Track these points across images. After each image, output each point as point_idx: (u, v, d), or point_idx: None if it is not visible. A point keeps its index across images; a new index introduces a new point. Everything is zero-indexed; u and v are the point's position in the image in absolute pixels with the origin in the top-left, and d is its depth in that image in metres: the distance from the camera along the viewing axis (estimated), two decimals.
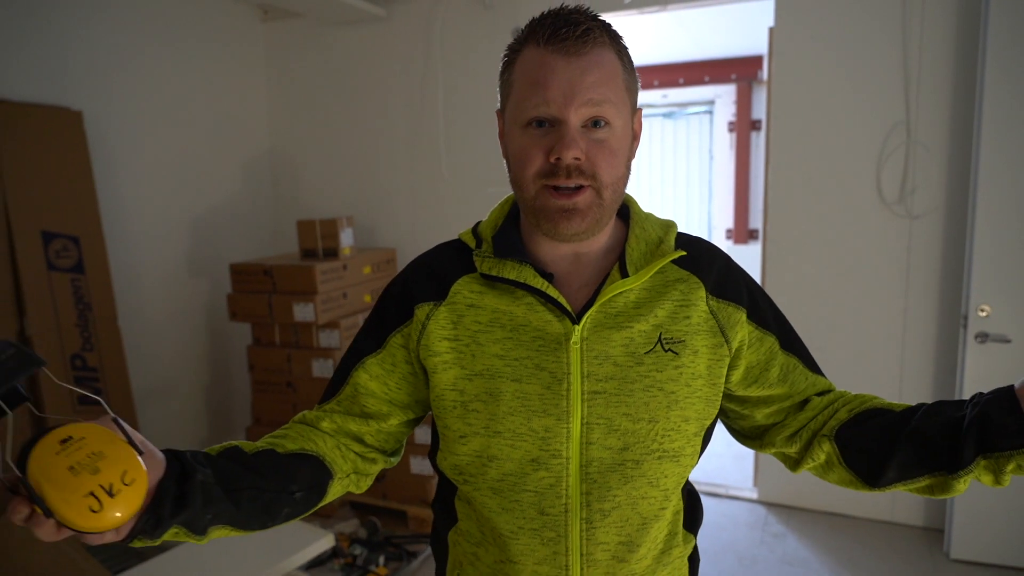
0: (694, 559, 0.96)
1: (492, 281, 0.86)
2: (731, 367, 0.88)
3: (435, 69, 3.65)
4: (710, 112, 5.85)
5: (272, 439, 0.87)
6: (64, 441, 0.62)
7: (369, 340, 0.92)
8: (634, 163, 0.87)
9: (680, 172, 6.06)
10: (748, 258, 4.31)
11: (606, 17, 3.01)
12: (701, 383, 0.85)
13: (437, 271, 0.90)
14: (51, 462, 0.61)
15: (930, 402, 0.84)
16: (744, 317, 0.88)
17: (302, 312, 3.09)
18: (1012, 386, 0.76)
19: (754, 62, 5.28)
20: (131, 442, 0.66)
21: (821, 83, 2.92)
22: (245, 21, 4.01)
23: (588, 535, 0.83)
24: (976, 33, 2.63)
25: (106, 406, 0.71)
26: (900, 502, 3.01)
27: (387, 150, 3.88)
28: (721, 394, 0.89)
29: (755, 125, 5.45)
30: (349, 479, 0.91)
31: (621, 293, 0.84)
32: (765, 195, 3.13)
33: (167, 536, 0.72)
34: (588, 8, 0.82)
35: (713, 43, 4.97)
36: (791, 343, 0.92)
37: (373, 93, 3.87)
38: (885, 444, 0.83)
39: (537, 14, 0.79)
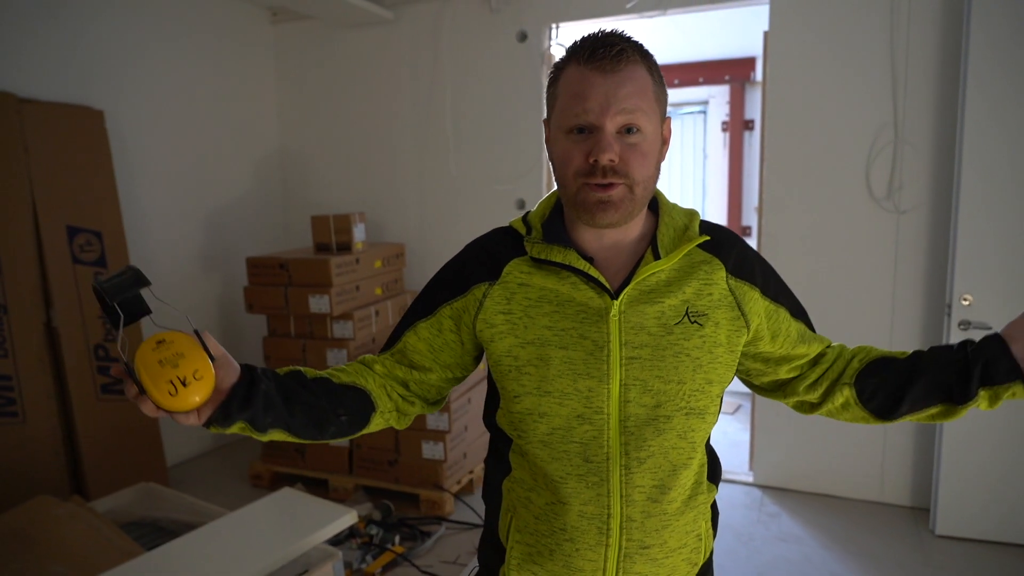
0: (715, 507, 1.10)
1: (540, 263, 0.99)
2: (758, 337, 1.03)
3: (442, 70, 3.78)
4: (704, 112, 5.99)
5: (331, 371, 1.04)
6: (159, 342, 0.83)
7: (422, 307, 1.08)
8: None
9: (675, 170, 6.20)
10: None
11: (607, 21, 3.16)
12: (722, 350, 0.99)
13: (492, 253, 1.04)
14: (147, 356, 0.81)
15: (924, 349, 1.03)
16: (758, 294, 1.02)
17: (317, 304, 3.21)
18: (998, 333, 0.98)
19: (747, 64, 5.42)
20: (207, 350, 0.85)
21: (814, 85, 3.07)
22: (255, 23, 4.12)
23: (627, 479, 0.96)
24: (959, 40, 2.78)
25: (191, 323, 0.92)
26: (889, 483, 3.16)
27: (396, 149, 4.00)
28: (738, 360, 1.03)
29: (748, 125, 5.58)
30: (391, 415, 1.07)
31: (654, 273, 0.97)
32: (760, 192, 3.27)
33: (234, 429, 0.91)
34: (622, 31, 0.95)
35: (707, 45, 5.11)
36: (798, 312, 1.08)
37: (381, 94, 3.99)
38: (899, 386, 1.02)
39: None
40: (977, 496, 2.83)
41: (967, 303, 2.75)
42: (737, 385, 4.63)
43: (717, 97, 5.83)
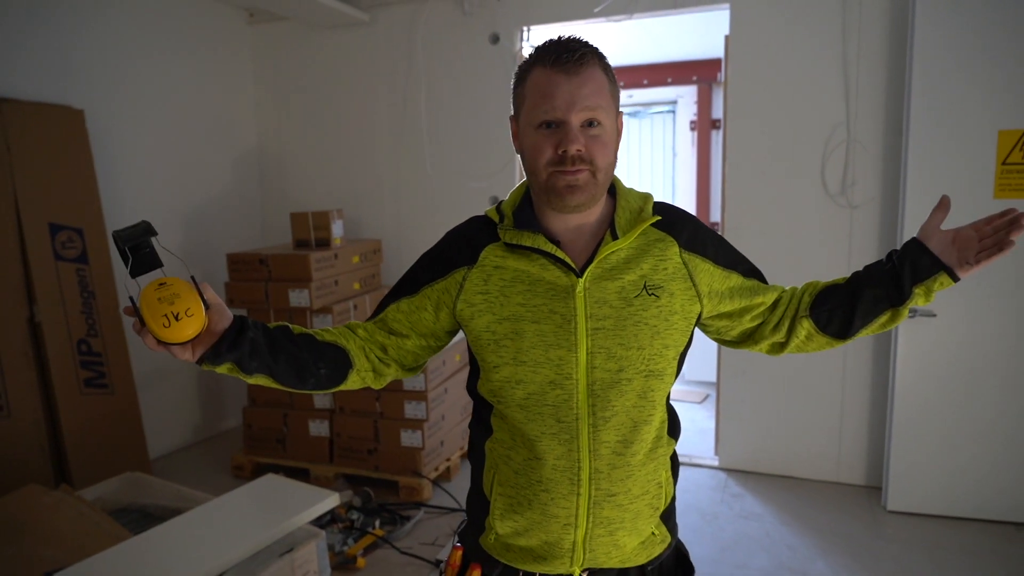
0: (674, 458, 1.23)
1: (513, 248, 1.11)
2: (717, 301, 1.16)
3: (418, 71, 3.89)
4: (673, 112, 6.16)
5: (316, 330, 1.16)
6: (161, 284, 0.94)
7: (407, 286, 1.20)
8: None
9: (645, 168, 6.37)
10: None
11: (576, 24, 3.31)
12: (677, 318, 1.11)
13: (470, 240, 1.16)
14: (149, 294, 0.93)
15: (860, 272, 1.18)
16: (711, 265, 1.15)
17: (297, 298, 3.31)
18: (915, 237, 1.13)
19: (713, 65, 5.59)
20: (201, 296, 0.97)
21: (772, 87, 3.23)
22: (233, 24, 4.19)
23: (594, 436, 1.08)
24: (904, 48, 2.96)
25: (189, 272, 1.06)
26: (845, 464, 3.34)
27: (372, 147, 4.10)
28: (692, 325, 1.16)
29: (715, 124, 5.76)
30: (368, 374, 1.19)
31: (613, 252, 1.09)
32: (723, 188, 3.43)
33: (223, 369, 1.03)
34: (579, 37, 1.07)
35: (675, 47, 5.28)
36: (750, 272, 1.21)
37: (358, 94, 4.08)
38: (848, 308, 1.16)
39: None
40: (926, 473, 3.02)
41: None
42: (705, 375, 4.80)
43: (685, 97, 6.00)
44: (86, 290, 3.20)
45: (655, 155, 6.35)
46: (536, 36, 3.73)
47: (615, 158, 1.09)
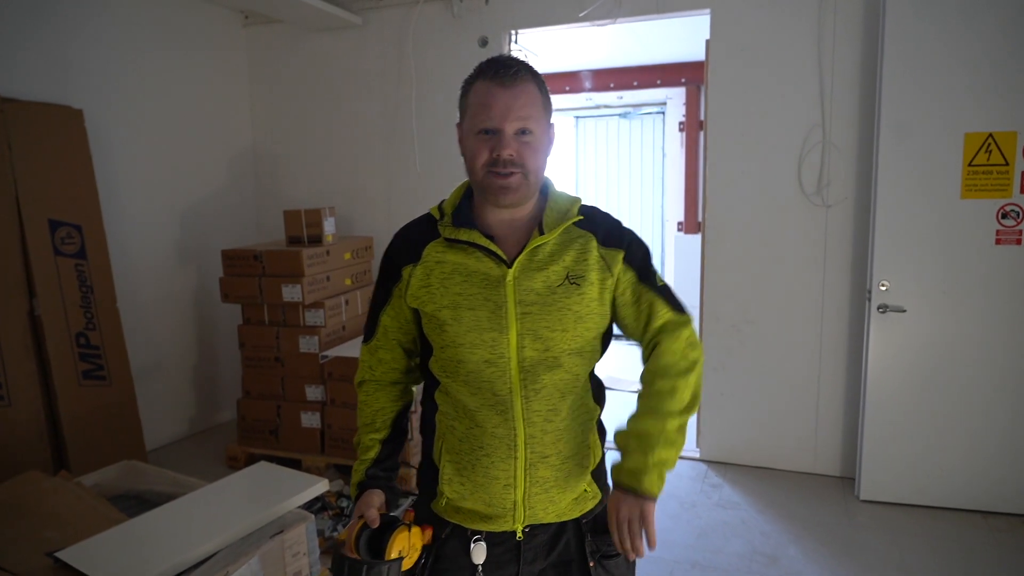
0: (601, 425, 1.37)
1: (452, 243, 1.25)
2: (620, 291, 1.27)
3: (408, 73, 3.99)
4: (662, 113, 6.27)
5: (379, 421, 1.38)
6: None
7: (382, 296, 1.34)
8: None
9: (635, 168, 6.48)
10: (695, 246, 4.68)
11: (562, 28, 3.45)
12: (595, 304, 1.25)
13: (413, 240, 1.30)
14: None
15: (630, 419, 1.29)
16: (621, 257, 1.27)
17: (290, 293, 3.40)
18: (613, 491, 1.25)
19: (701, 67, 5.70)
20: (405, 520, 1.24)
21: (751, 90, 3.34)
22: (228, 26, 4.28)
23: (526, 406, 1.22)
24: (875, 56, 3.07)
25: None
26: (821, 456, 3.45)
27: (364, 147, 4.20)
28: (610, 311, 1.28)
29: (703, 125, 5.86)
30: (411, 385, 1.43)
31: (540, 246, 1.23)
32: (704, 188, 3.54)
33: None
34: (520, 56, 1.20)
35: (664, 50, 5.39)
36: (648, 278, 1.29)
37: (350, 94, 4.18)
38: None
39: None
40: (896, 464, 3.13)
41: (885, 288, 3.04)
42: None
43: (674, 98, 6.12)
44: (84, 284, 3.29)
45: (645, 155, 6.47)
46: (524, 40, 3.83)
47: (545, 162, 1.24)
